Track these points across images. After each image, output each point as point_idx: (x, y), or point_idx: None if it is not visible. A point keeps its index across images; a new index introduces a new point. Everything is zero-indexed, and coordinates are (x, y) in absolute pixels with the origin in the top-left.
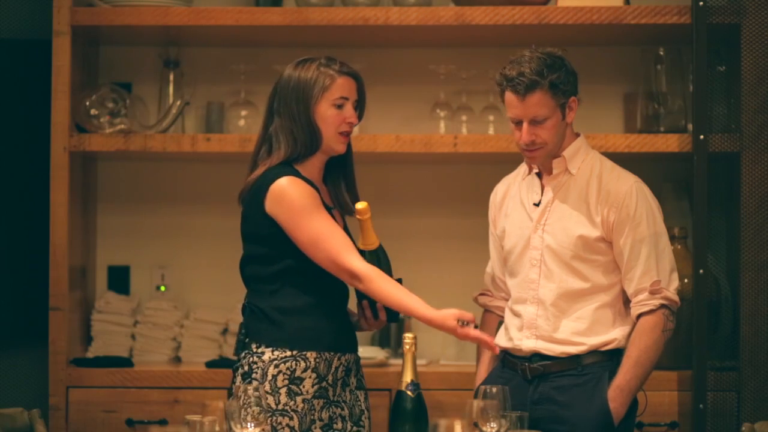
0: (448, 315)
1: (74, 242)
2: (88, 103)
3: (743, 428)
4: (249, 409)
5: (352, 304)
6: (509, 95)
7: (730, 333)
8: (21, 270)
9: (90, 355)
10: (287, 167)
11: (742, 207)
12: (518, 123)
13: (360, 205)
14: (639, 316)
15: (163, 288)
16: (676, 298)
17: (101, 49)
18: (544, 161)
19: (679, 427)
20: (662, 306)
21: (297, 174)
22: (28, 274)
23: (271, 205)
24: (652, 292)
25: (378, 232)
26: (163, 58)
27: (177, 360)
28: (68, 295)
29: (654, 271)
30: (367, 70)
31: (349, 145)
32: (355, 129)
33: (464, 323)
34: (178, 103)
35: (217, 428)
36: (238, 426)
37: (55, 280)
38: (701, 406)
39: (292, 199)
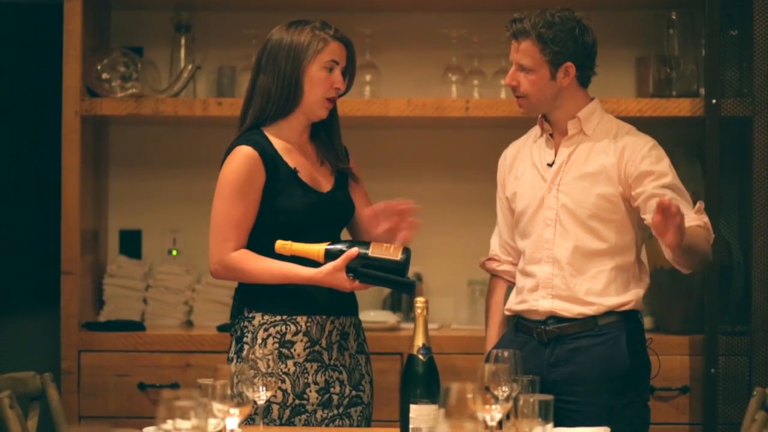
0: (334, 270)
1: (86, 206)
2: (99, 68)
3: (755, 392)
4: (251, 373)
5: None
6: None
7: (741, 298)
8: (33, 234)
9: (102, 319)
10: (254, 133)
11: (754, 172)
12: None
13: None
14: None
15: (174, 252)
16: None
17: (113, 13)
18: (529, 112)
19: (691, 391)
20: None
21: (261, 141)
22: (40, 238)
23: None
24: (698, 212)
25: (389, 197)
26: (175, 23)
27: (189, 324)
28: (80, 260)
29: (691, 203)
30: (378, 35)
31: (334, 110)
32: (367, 93)
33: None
34: (190, 67)
35: (228, 392)
36: (250, 390)
37: (67, 244)
38: (713, 370)
39: (223, 172)
